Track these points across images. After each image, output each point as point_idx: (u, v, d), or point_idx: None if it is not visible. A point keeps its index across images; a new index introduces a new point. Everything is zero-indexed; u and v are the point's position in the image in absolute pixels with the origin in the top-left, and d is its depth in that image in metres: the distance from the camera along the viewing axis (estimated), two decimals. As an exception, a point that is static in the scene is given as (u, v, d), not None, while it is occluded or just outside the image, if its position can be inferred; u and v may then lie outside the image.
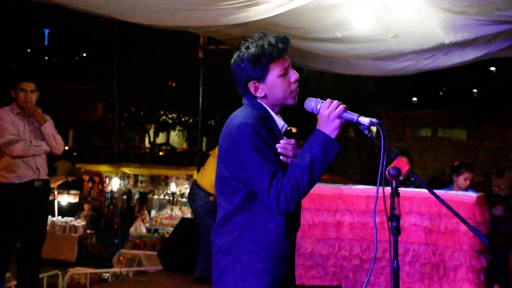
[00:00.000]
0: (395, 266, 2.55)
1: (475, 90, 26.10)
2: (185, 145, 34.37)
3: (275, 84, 2.24)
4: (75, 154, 23.41)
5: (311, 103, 2.25)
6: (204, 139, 27.27)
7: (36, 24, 30.70)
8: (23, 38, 30.24)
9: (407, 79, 13.44)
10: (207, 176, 5.56)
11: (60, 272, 5.31)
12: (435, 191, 2.58)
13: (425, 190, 4.56)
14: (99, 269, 6.57)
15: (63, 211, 7.64)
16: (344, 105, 2.18)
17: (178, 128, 31.57)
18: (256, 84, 2.25)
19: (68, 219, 7.05)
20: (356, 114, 2.18)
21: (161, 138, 36.46)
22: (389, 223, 2.57)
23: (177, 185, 12.79)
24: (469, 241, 4.36)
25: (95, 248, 8.29)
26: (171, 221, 9.80)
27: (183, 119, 29.29)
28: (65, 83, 32.48)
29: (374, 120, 2.15)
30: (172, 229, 6.92)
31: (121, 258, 7.18)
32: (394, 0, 4.41)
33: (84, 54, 36.58)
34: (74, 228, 6.85)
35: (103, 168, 13.57)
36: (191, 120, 28.02)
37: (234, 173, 2.18)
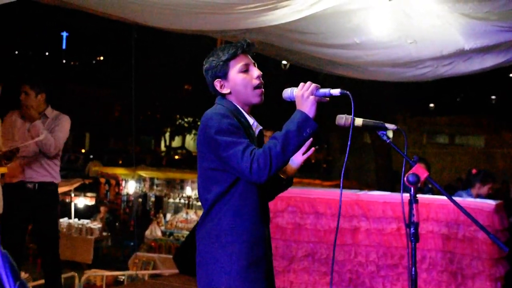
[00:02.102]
0: (413, 273, 2.54)
1: (493, 97, 25.84)
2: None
3: (237, 80, 2.40)
4: (91, 156, 23.56)
5: (287, 93, 2.41)
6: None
7: (55, 27, 31.00)
8: (42, 42, 30.53)
9: (425, 85, 13.37)
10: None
11: (76, 274, 5.34)
12: (453, 198, 2.57)
13: (443, 197, 4.54)
14: (115, 272, 6.60)
15: (80, 214, 7.69)
16: (316, 84, 2.34)
17: (194, 132, 31.66)
18: (221, 81, 2.42)
19: (85, 221, 7.09)
20: (328, 89, 2.33)
21: (177, 142, 36.59)
22: (407, 230, 2.56)
23: (192, 188, 12.81)
24: (487, 249, 4.31)
25: (111, 250, 8.32)
26: (186, 224, 9.82)
27: (199, 123, 29.31)
28: (82, 86, 32.72)
29: (344, 91, 2.32)
30: (187, 232, 6.94)
31: (137, 260, 7.21)
32: (414, 6, 4.38)
33: (101, 58, 36.86)
34: (90, 230, 6.89)
35: (120, 171, 13.64)
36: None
37: (214, 162, 2.31)
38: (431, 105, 28.31)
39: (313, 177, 23.94)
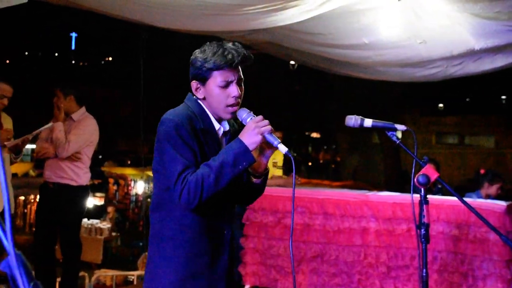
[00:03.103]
0: (424, 274, 2.53)
1: (504, 97, 25.69)
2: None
3: (213, 93, 2.30)
4: (100, 157, 23.63)
5: (243, 114, 2.30)
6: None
7: (64, 28, 31.12)
8: (51, 42, 30.67)
9: (433, 85, 13.31)
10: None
11: (86, 274, 5.36)
12: (463, 199, 2.55)
13: (453, 198, 4.51)
14: (125, 271, 6.61)
15: (90, 214, 7.71)
16: (272, 128, 2.23)
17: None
18: (198, 85, 2.34)
19: (94, 221, 7.11)
20: (278, 140, 2.22)
21: (185, 142, 36.58)
22: (418, 231, 2.54)
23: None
24: (498, 250, 4.28)
25: (120, 250, 8.34)
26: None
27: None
28: (91, 87, 32.84)
29: (289, 153, 2.22)
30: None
31: (146, 260, 7.16)
32: (423, 6, 4.36)
33: (110, 58, 36.95)
34: (99, 231, 6.90)
35: (128, 171, 13.68)
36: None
37: (158, 165, 2.29)
38: (440, 105, 28.20)
39: (322, 178, 23.93)
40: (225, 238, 2.41)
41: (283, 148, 2.21)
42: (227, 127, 2.43)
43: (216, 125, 2.36)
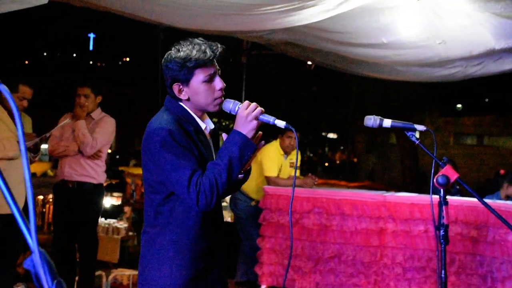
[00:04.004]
0: (442, 276, 2.50)
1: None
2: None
3: (199, 90, 2.28)
4: (117, 157, 23.76)
5: (229, 105, 2.30)
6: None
7: (82, 29, 31.38)
8: (69, 43, 30.96)
9: (452, 85, 13.20)
10: (249, 181, 5.56)
11: (103, 273, 5.39)
12: (482, 199, 2.53)
13: (472, 199, 4.48)
14: (141, 271, 6.64)
15: (107, 213, 7.74)
16: (262, 108, 2.24)
17: (219, 132, 31.75)
18: (180, 86, 2.29)
19: (111, 221, 7.14)
20: (273, 117, 2.23)
21: (201, 142, 36.71)
22: (437, 232, 2.52)
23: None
24: (518, 252, 4.24)
25: (137, 250, 8.37)
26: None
27: (223, 124, 29.49)
28: (109, 87, 33.07)
29: (289, 126, 2.21)
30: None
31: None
32: (443, 5, 4.31)
33: (128, 59, 37.19)
34: (116, 230, 6.93)
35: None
36: (231, 125, 28.14)
37: (155, 175, 2.26)
38: (459, 105, 27.96)
39: (338, 178, 23.86)
40: (222, 237, 2.45)
41: (281, 123, 2.22)
42: (212, 125, 2.44)
43: (202, 125, 2.36)
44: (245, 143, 2.19)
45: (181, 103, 2.33)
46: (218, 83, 2.30)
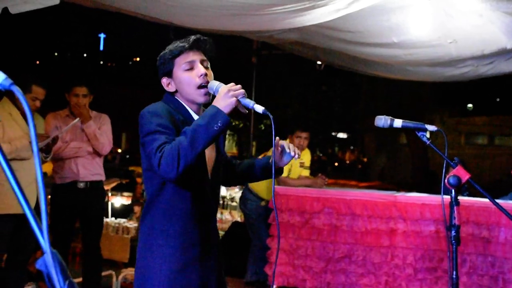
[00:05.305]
0: (454, 277, 2.49)
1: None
2: (235, 150, 34.59)
3: (181, 79, 2.34)
4: (127, 157, 23.84)
5: (214, 85, 2.30)
6: (254, 143, 27.38)
7: (92, 29, 31.56)
8: (80, 43, 31.13)
9: (463, 85, 13.15)
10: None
11: (114, 272, 5.40)
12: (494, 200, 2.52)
13: (483, 199, 4.45)
14: (151, 271, 6.66)
15: (117, 213, 7.76)
16: (244, 91, 2.22)
17: (228, 132, 31.74)
18: (167, 80, 2.39)
19: (121, 220, 7.16)
20: (252, 101, 2.21)
21: (211, 142, 36.75)
22: (448, 232, 2.51)
23: (227, 189, 12.83)
24: (530, 253, 4.21)
25: (147, 249, 8.38)
26: (221, 224, 9.83)
27: (233, 124, 29.51)
28: (119, 87, 33.20)
29: (267, 111, 2.18)
30: (222, 232, 6.95)
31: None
32: (454, 5, 4.29)
33: (138, 59, 37.33)
34: (126, 230, 6.95)
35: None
36: (241, 125, 28.18)
37: (145, 162, 2.29)
38: (470, 105, 27.83)
39: (348, 178, 23.82)
40: (214, 229, 2.45)
41: (259, 108, 2.20)
42: None
43: (195, 117, 2.36)
44: (215, 113, 2.14)
45: (177, 98, 2.39)
46: (199, 69, 2.34)
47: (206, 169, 2.37)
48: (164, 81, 2.39)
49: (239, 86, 2.23)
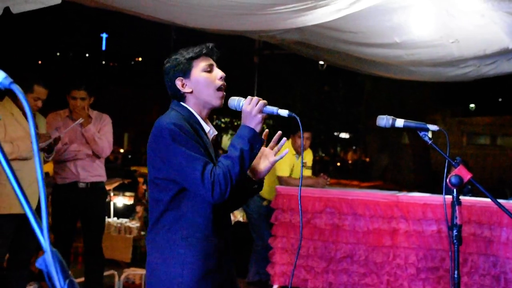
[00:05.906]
0: (455, 276, 2.49)
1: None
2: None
3: (200, 79, 2.35)
4: (129, 157, 23.85)
5: (234, 102, 2.34)
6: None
7: (95, 29, 31.57)
8: (82, 43, 31.13)
9: (465, 85, 13.14)
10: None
11: (116, 272, 5.41)
12: (496, 200, 2.52)
13: (485, 199, 4.45)
14: (153, 270, 6.66)
15: (119, 213, 7.77)
16: (264, 101, 2.30)
17: (230, 132, 31.82)
18: (183, 80, 2.37)
19: (123, 220, 7.17)
20: (276, 108, 2.29)
21: (214, 142, 36.79)
22: (450, 232, 2.51)
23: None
24: (532, 253, 4.20)
25: (149, 249, 8.39)
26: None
27: (236, 123, 29.50)
28: (121, 87, 33.23)
29: (292, 113, 2.27)
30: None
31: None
32: (457, 5, 4.28)
33: (140, 59, 37.35)
34: (128, 229, 6.96)
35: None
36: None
37: (164, 173, 2.27)
38: (472, 105, 27.81)
39: (351, 178, 23.79)
40: (228, 238, 2.47)
41: (284, 112, 2.28)
42: (215, 132, 2.48)
43: (206, 127, 2.39)
44: (253, 136, 2.25)
45: (186, 105, 2.38)
46: (219, 72, 2.39)
47: None
48: (179, 82, 2.36)
49: (256, 99, 2.29)
